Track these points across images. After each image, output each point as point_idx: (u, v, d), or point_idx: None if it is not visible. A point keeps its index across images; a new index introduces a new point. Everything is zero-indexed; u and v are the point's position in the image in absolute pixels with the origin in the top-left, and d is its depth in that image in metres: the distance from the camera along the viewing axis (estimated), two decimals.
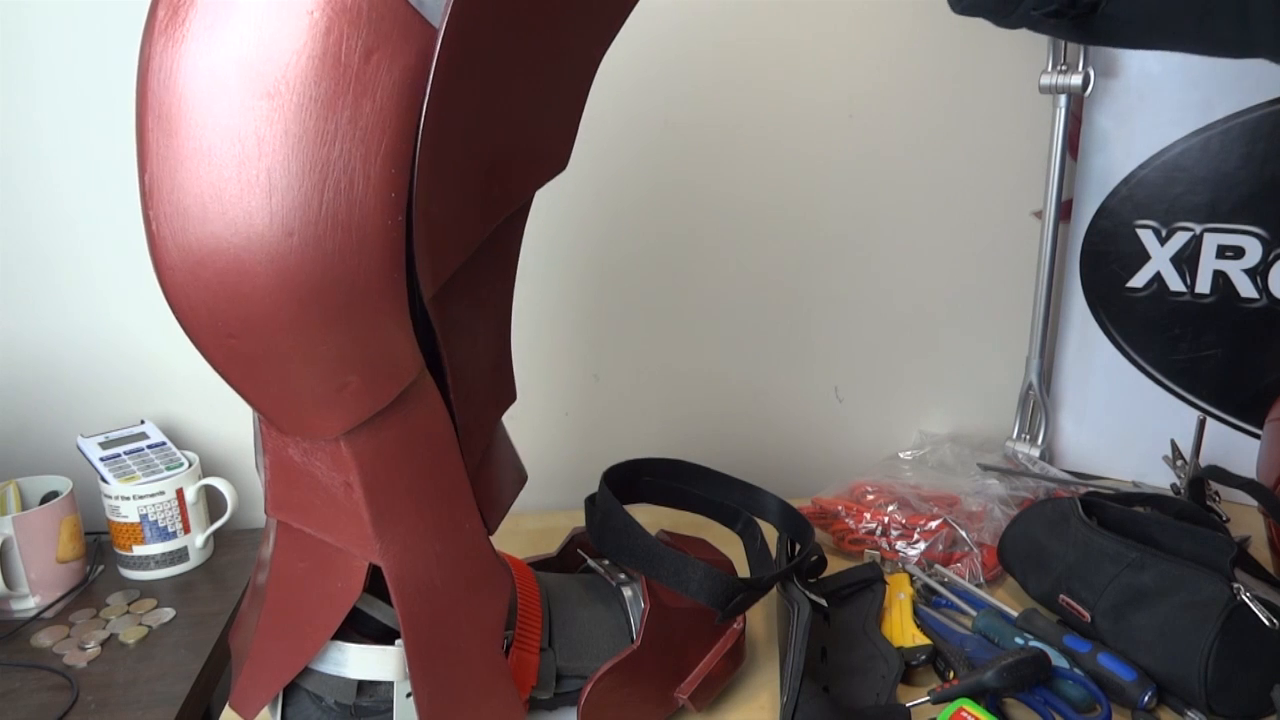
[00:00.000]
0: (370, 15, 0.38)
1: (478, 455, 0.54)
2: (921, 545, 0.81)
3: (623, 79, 0.91)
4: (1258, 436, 0.92)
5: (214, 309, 0.41)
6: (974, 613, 0.74)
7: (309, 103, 0.38)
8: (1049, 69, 0.91)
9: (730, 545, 0.75)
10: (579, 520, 0.67)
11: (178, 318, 0.42)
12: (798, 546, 0.71)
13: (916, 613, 0.73)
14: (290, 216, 0.40)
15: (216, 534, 0.92)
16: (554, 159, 0.51)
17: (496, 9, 0.42)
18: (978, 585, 0.78)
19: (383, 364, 0.45)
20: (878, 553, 0.82)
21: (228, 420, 0.97)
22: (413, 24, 0.39)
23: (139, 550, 0.86)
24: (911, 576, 0.78)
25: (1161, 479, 0.91)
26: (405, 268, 0.43)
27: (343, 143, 0.39)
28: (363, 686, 0.54)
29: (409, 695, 0.52)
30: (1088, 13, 0.55)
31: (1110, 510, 0.73)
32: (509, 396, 0.57)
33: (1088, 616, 0.68)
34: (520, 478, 0.60)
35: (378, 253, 0.42)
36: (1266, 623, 0.60)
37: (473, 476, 0.53)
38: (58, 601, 0.82)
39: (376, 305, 0.43)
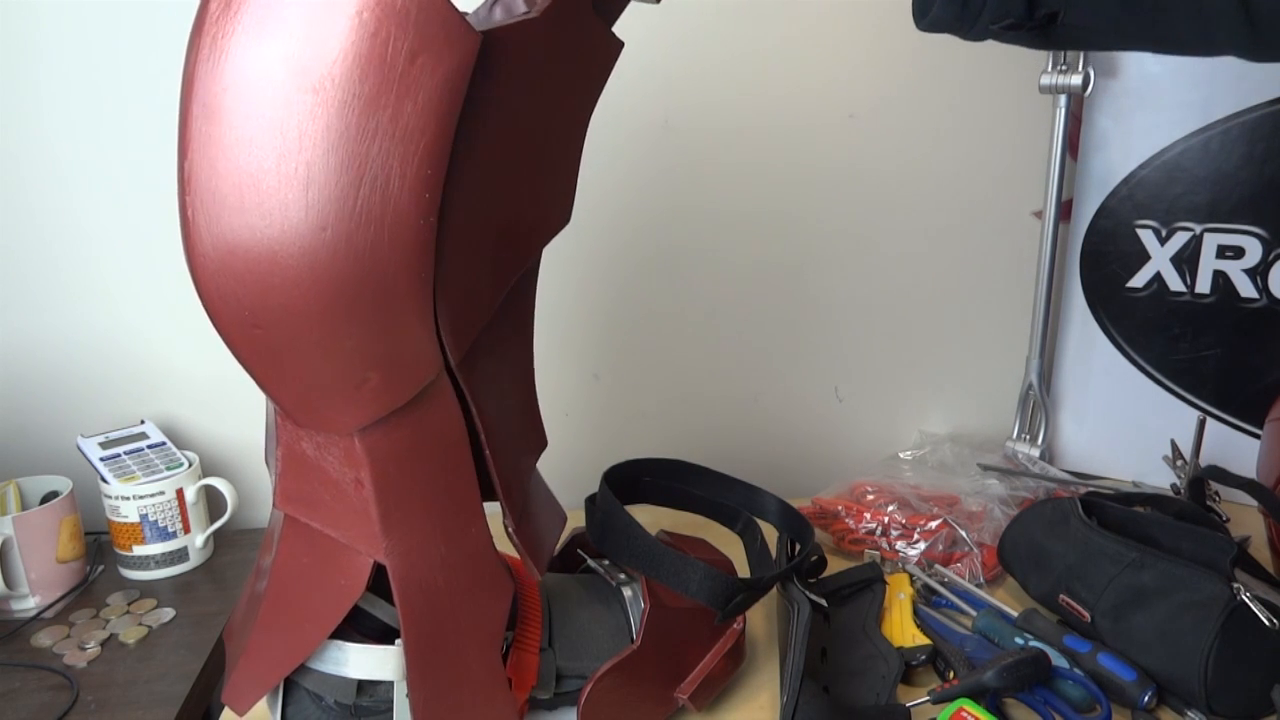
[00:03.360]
0: (418, 19, 0.39)
1: (519, 505, 0.54)
2: (921, 545, 0.81)
3: (623, 80, 0.91)
4: (1258, 436, 0.92)
5: (242, 298, 0.41)
6: (974, 613, 0.74)
7: (352, 100, 0.39)
8: (1049, 69, 0.91)
9: (730, 545, 0.75)
10: (579, 520, 0.67)
11: (205, 305, 0.42)
12: (798, 546, 0.71)
13: (916, 613, 0.73)
14: (325, 210, 0.40)
15: (216, 534, 0.92)
16: (557, 216, 0.52)
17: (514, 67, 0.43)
18: (978, 585, 0.78)
19: (404, 362, 0.45)
20: (878, 553, 0.82)
21: (228, 420, 0.97)
22: (457, 29, 0.39)
23: (139, 550, 0.86)
24: (911, 576, 0.78)
25: (1161, 479, 0.91)
26: (433, 268, 0.44)
27: (382, 141, 0.40)
28: (363, 686, 0.54)
29: (409, 694, 0.52)
30: (1047, 24, 0.55)
31: (1110, 510, 0.73)
32: (540, 443, 0.58)
33: (1088, 616, 0.68)
34: (560, 518, 0.61)
35: (408, 251, 0.42)
36: (1266, 623, 0.60)
37: (516, 525, 0.53)
38: (58, 601, 0.82)
39: (403, 303, 0.43)
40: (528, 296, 0.55)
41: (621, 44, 0.50)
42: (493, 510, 0.53)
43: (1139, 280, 0.95)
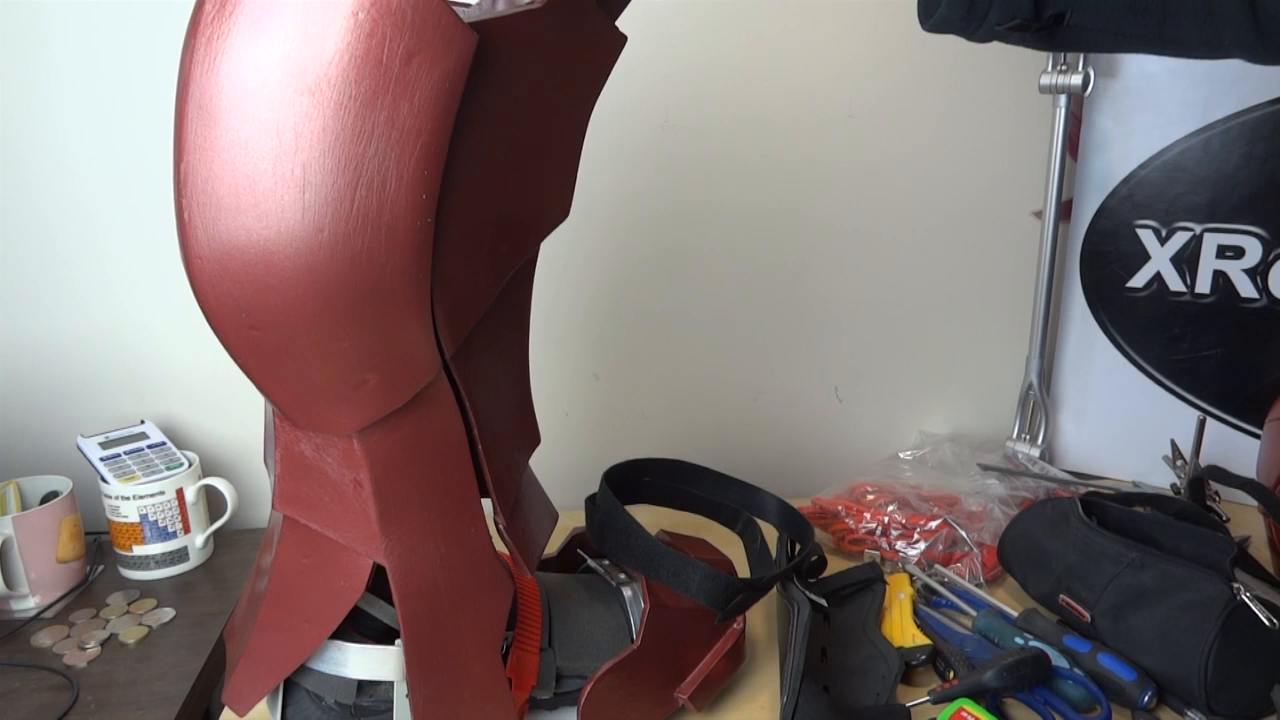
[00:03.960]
0: (414, 20, 0.38)
1: (511, 501, 0.54)
2: (921, 545, 0.81)
3: (623, 80, 0.91)
4: (1258, 436, 0.92)
5: (239, 300, 0.41)
6: (974, 613, 0.74)
7: (348, 101, 0.39)
8: (1049, 69, 0.91)
9: (730, 545, 0.75)
10: (579, 520, 0.67)
11: (202, 307, 0.42)
12: (798, 546, 0.71)
13: (916, 613, 0.73)
14: (322, 212, 0.40)
15: (216, 534, 0.92)
16: (555, 211, 0.52)
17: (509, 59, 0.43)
18: (978, 585, 0.78)
19: (402, 363, 0.45)
20: (878, 553, 0.82)
21: (228, 420, 0.97)
22: (453, 30, 0.39)
23: (139, 550, 0.86)
24: (911, 576, 0.78)
25: (1161, 479, 0.91)
26: (430, 269, 0.44)
27: (379, 142, 0.40)
28: (363, 686, 0.54)
29: (409, 695, 0.52)
30: (1053, 25, 0.55)
31: (1110, 510, 0.73)
32: (533, 439, 0.58)
33: (1088, 616, 0.68)
34: (552, 517, 0.60)
35: (406, 252, 0.42)
36: (1266, 623, 0.60)
37: (508, 522, 0.53)
38: (58, 601, 0.82)
39: (400, 304, 0.43)
40: (524, 291, 0.55)
41: (624, 38, 0.50)
42: (484, 507, 0.53)
43: (1139, 280, 0.95)
